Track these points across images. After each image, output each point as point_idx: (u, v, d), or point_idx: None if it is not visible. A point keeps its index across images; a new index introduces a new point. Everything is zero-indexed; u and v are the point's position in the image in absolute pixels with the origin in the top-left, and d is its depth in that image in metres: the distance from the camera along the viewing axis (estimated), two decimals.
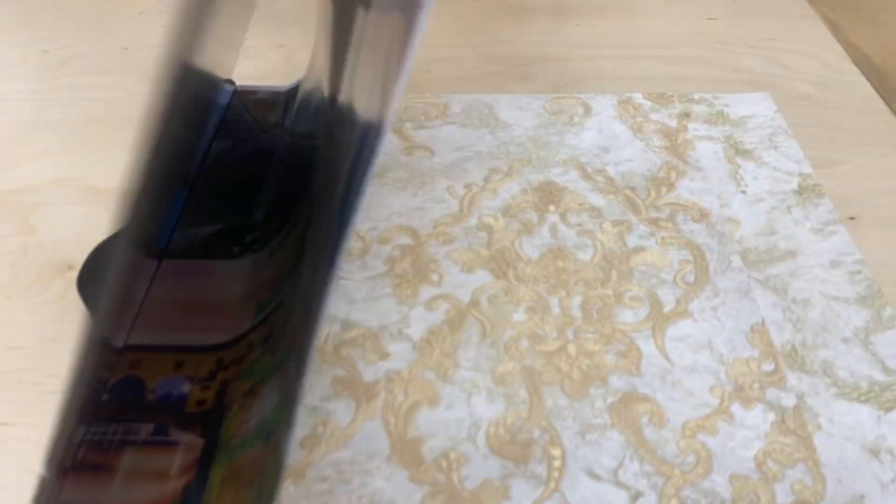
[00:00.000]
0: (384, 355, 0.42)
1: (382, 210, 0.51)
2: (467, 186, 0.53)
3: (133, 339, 0.39)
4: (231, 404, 0.37)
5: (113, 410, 0.36)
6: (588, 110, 0.60)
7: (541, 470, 0.36)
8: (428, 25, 0.78)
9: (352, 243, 0.48)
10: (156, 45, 0.71)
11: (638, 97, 0.62)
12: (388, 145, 0.57)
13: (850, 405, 0.39)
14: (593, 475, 0.36)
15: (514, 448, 0.37)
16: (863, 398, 0.40)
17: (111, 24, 0.75)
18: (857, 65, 0.69)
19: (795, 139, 0.58)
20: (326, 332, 0.43)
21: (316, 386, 0.40)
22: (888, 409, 0.39)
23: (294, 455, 0.37)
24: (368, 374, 0.41)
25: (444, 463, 0.37)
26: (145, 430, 0.36)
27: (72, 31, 0.74)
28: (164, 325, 0.40)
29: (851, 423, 0.39)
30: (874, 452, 0.37)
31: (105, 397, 0.37)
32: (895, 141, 0.60)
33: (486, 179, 0.54)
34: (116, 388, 0.37)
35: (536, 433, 0.38)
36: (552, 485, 0.36)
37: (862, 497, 0.36)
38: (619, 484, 0.36)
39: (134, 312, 0.40)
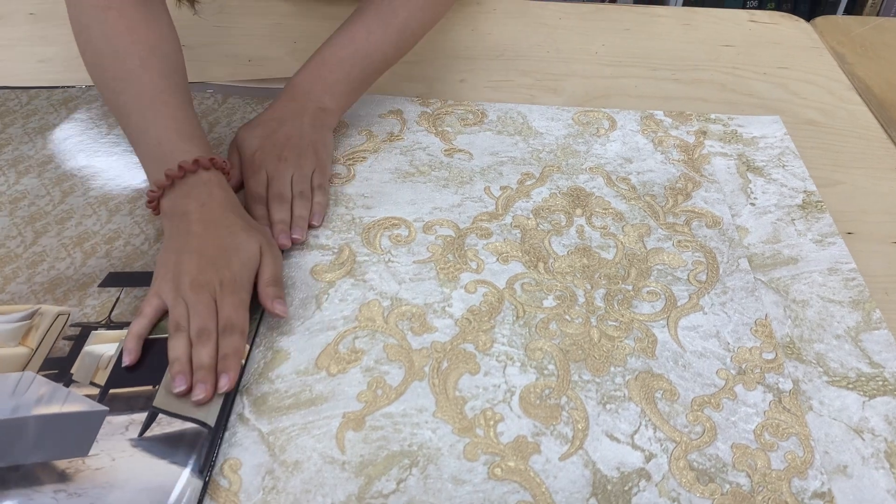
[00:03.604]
0: (430, 328, 0.47)
1: (427, 204, 0.57)
2: (503, 188, 0.59)
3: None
4: None
5: None
6: (613, 123, 0.66)
7: (567, 431, 0.42)
8: (461, 37, 0.85)
9: (399, 231, 0.54)
10: (209, 42, 0.76)
11: (659, 114, 0.68)
12: (432, 147, 0.62)
13: (838, 391, 0.45)
14: (613, 438, 0.42)
15: (544, 411, 0.43)
16: (850, 386, 0.45)
17: None
18: (860, 95, 0.75)
19: (802, 159, 0.63)
20: (379, 305, 0.48)
21: (370, 350, 0.46)
22: (872, 396, 0.44)
23: (352, 406, 0.42)
24: (416, 343, 0.46)
25: (482, 420, 0.42)
26: None
27: None
28: None
29: (839, 406, 0.44)
30: (857, 431, 0.43)
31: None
32: (892, 165, 0.65)
33: (520, 183, 0.59)
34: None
35: (564, 400, 0.43)
36: (577, 444, 0.41)
37: (845, 467, 0.41)
38: (636, 446, 0.41)
39: None
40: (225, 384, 0.43)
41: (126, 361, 0.44)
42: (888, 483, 0.40)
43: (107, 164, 0.59)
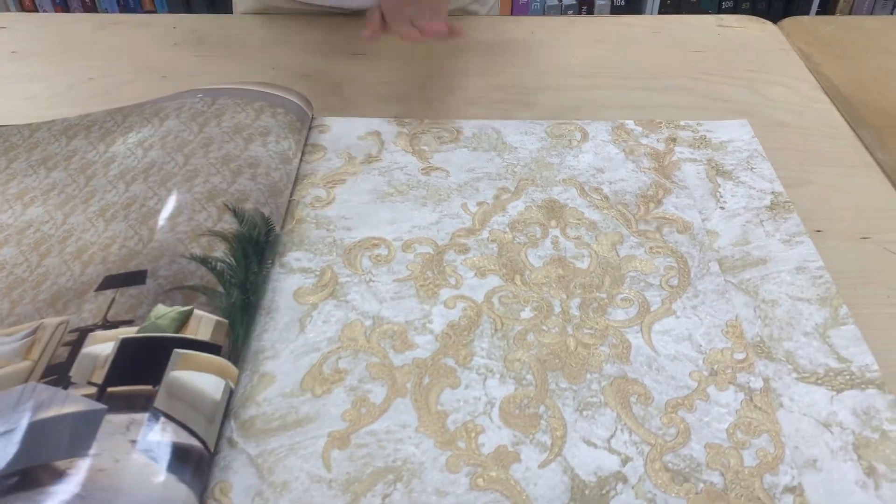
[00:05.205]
0: (411, 345, 0.49)
1: (405, 223, 0.58)
2: (479, 204, 0.60)
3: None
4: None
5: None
6: (585, 135, 0.68)
7: (546, 439, 0.43)
8: (436, 57, 0.88)
9: (379, 251, 0.56)
10: (191, 72, 0.78)
11: (630, 123, 0.69)
12: (409, 166, 0.64)
13: (808, 387, 0.46)
14: (590, 443, 0.43)
15: (523, 421, 0.44)
16: (819, 381, 0.47)
17: (150, 54, 0.83)
18: (828, 94, 0.76)
19: (770, 161, 0.65)
20: (361, 325, 0.50)
21: (354, 370, 0.47)
22: (840, 391, 0.46)
23: (337, 425, 0.44)
24: (398, 360, 0.48)
25: (464, 432, 0.44)
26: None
27: (115, 61, 0.82)
28: None
29: (808, 402, 0.45)
30: (826, 425, 0.44)
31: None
32: (859, 163, 0.67)
33: (496, 197, 0.61)
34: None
35: (542, 409, 0.45)
36: (556, 451, 0.43)
37: (815, 461, 0.42)
38: (612, 450, 0.43)
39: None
40: None
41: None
42: (856, 474, 0.42)
43: (105, 182, 0.60)
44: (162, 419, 0.42)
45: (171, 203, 0.56)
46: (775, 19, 0.90)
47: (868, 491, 0.41)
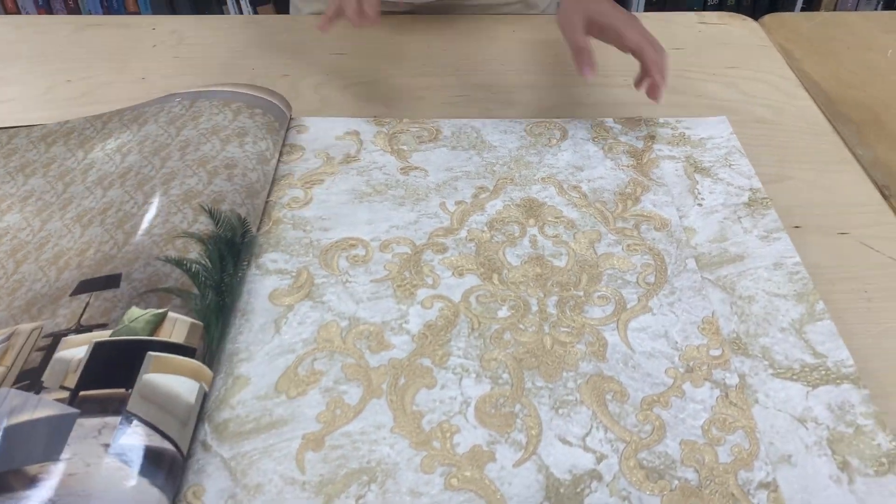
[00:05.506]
0: (387, 346, 0.48)
1: (383, 223, 0.58)
2: (458, 203, 0.60)
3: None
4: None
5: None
6: (564, 133, 0.68)
7: (521, 438, 0.43)
8: (417, 56, 0.88)
9: (356, 251, 0.55)
10: (170, 74, 0.78)
11: (609, 121, 0.69)
12: (388, 166, 0.64)
13: (783, 383, 0.46)
14: (565, 441, 0.43)
15: (499, 420, 0.44)
16: (794, 377, 0.47)
17: (128, 56, 0.82)
18: (808, 90, 0.77)
19: (748, 158, 0.65)
20: (337, 326, 0.50)
21: (329, 371, 0.47)
22: (815, 386, 0.46)
23: (311, 427, 0.44)
24: (374, 361, 0.47)
25: (439, 433, 0.43)
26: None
27: (93, 62, 0.81)
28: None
29: (784, 398, 0.46)
30: (801, 421, 0.44)
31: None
32: (838, 159, 0.67)
33: (475, 196, 0.61)
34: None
35: (517, 408, 0.45)
36: (531, 449, 0.43)
37: (789, 456, 0.43)
38: (587, 448, 0.43)
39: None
40: None
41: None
42: (830, 469, 0.42)
43: (83, 188, 0.60)
44: (135, 422, 0.42)
45: (147, 206, 0.56)
46: (761, 16, 0.90)
47: (842, 485, 0.41)
